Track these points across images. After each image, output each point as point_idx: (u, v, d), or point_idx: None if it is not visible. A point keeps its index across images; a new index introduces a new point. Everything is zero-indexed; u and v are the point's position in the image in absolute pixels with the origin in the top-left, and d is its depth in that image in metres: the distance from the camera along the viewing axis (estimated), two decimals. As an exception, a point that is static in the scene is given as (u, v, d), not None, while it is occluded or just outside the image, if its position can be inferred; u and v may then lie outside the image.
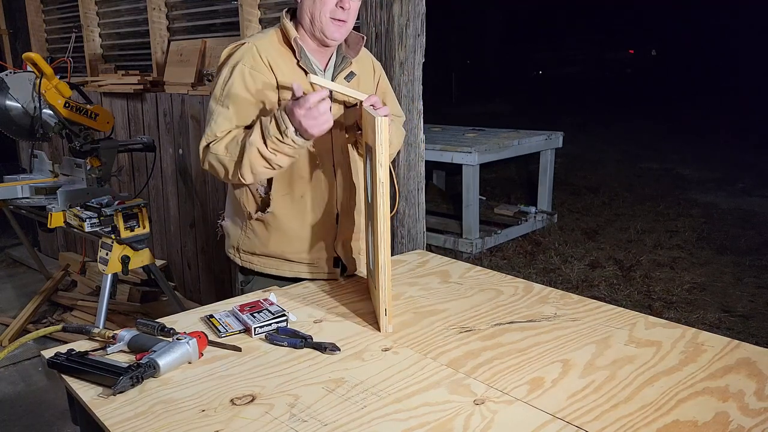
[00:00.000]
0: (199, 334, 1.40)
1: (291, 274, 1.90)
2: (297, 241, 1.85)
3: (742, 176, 7.50)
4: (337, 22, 1.70)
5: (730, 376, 1.27)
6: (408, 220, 2.65)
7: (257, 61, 1.71)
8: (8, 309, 4.06)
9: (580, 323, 1.54)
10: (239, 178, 1.66)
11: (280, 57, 1.74)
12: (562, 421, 1.13)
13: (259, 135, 1.58)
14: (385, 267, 1.47)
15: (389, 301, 1.50)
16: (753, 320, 3.73)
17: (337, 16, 1.69)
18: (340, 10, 1.68)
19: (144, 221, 2.82)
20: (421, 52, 2.52)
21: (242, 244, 1.92)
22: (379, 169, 1.43)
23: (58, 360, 1.33)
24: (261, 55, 1.72)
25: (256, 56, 1.71)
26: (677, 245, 5.11)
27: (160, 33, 3.75)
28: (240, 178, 1.65)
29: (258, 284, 1.93)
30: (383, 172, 1.43)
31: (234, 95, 1.69)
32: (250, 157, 1.59)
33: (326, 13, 1.68)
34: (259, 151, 1.58)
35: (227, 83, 1.71)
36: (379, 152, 1.42)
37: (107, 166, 3.05)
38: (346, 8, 1.68)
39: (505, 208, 5.90)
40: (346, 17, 1.70)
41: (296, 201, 1.82)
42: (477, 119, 8.70)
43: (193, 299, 3.81)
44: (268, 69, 1.72)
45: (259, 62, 1.71)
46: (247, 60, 1.71)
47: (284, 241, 1.85)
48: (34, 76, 3.00)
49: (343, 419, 1.15)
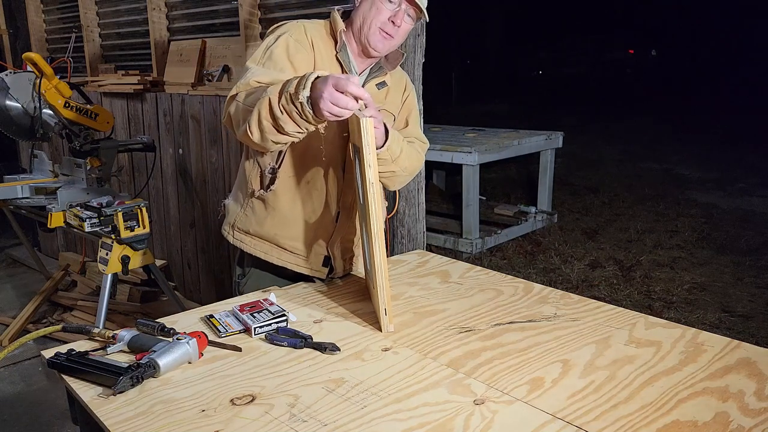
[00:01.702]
0: (199, 334, 1.40)
1: (279, 262, 1.89)
2: (293, 226, 1.84)
3: (742, 176, 7.50)
4: (385, 35, 1.72)
5: (730, 376, 1.27)
6: (408, 220, 2.65)
7: (302, 36, 1.74)
8: (8, 309, 4.05)
9: (580, 323, 1.54)
10: (247, 132, 1.57)
11: (323, 43, 1.77)
12: (562, 421, 1.13)
13: (278, 87, 1.50)
14: (381, 267, 1.48)
15: (389, 301, 1.50)
16: (753, 320, 3.73)
17: (386, 29, 1.71)
18: (391, 24, 1.70)
19: (144, 221, 2.82)
20: (421, 52, 2.52)
21: (238, 221, 1.92)
22: (368, 170, 1.43)
23: (58, 360, 1.33)
24: (307, 33, 1.75)
25: (302, 32, 1.75)
26: (677, 245, 5.11)
27: (160, 33, 3.75)
28: (248, 132, 1.56)
29: (253, 278, 1.94)
30: (372, 173, 1.43)
31: (274, 58, 1.70)
32: (260, 107, 1.52)
33: (378, 23, 1.70)
34: (270, 102, 1.49)
35: (270, 47, 1.72)
36: (366, 153, 1.42)
37: (107, 166, 3.05)
38: (397, 24, 1.70)
39: (505, 208, 5.90)
40: (394, 33, 1.72)
41: (301, 186, 1.82)
42: (477, 119, 8.70)
43: (193, 299, 3.81)
44: (310, 46, 1.74)
45: (303, 37, 1.74)
46: (294, 32, 1.74)
47: (280, 224, 1.85)
48: (34, 76, 3.00)
49: (343, 419, 1.15)
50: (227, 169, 3.39)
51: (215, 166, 3.46)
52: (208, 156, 3.50)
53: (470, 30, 20.22)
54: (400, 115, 1.95)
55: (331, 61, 1.78)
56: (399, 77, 1.94)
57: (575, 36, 22.52)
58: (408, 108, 1.97)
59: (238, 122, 1.62)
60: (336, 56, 1.78)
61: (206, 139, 3.49)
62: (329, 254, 1.89)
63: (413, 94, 2.00)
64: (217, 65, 3.43)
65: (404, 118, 1.96)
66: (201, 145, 3.53)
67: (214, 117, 3.38)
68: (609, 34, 22.36)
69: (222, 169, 3.43)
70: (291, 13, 3.01)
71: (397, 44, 1.78)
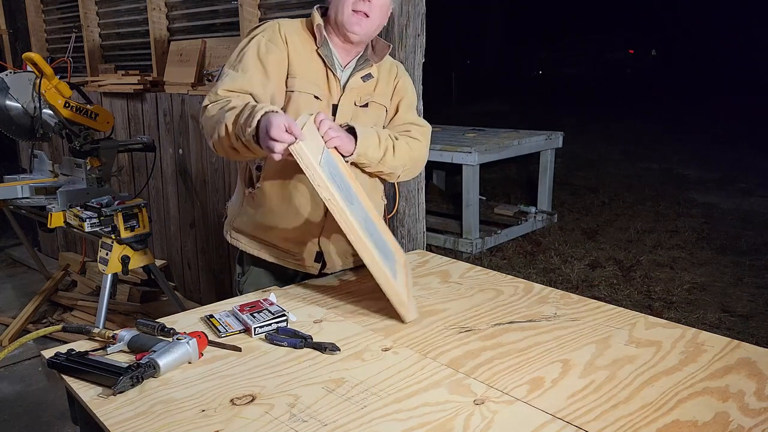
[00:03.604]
0: (199, 334, 1.40)
1: (272, 259, 1.91)
2: (282, 223, 1.85)
3: (742, 176, 7.50)
4: (359, 15, 1.71)
5: (730, 376, 1.27)
6: (408, 220, 2.65)
7: (275, 35, 1.75)
8: (8, 309, 4.05)
9: (580, 323, 1.54)
10: (215, 148, 1.66)
11: (300, 40, 1.77)
12: (562, 421, 1.13)
13: (234, 114, 1.56)
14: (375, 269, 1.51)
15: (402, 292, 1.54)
16: (753, 320, 3.73)
17: (358, 8, 1.70)
18: (361, 2, 1.70)
19: (144, 221, 2.82)
20: (421, 52, 2.52)
21: (235, 221, 1.95)
22: (319, 189, 1.47)
23: (58, 360, 1.33)
24: (281, 31, 1.76)
25: (276, 31, 1.76)
26: (677, 245, 5.11)
27: (160, 33, 3.75)
28: (215, 148, 1.66)
29: (253, 276, 1.95)
30: (324, 191, 1.47)
31: (245, 61, 1.72)
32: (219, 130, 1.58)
33: (348, 4, 1.70)
34: (227, 128, 1.56)
35: (243, 50, 1.74)
36: (309, 176, 1.46)
37: (107, 166, 3.05)
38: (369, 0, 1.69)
39: (505, 208, 5.89)
40: (368, 10, 1.71)
41: (287, 182, 1.82)
42: (477, 119, 8.68)
43: (193, 299, 3.81)
44: (283, 44, 1.75)
45: (276, 36, 1.75)
46: (267, 33, 1.76)
47: (270, 221, 1.86)
48: (34, 76, 3.00)
49: (343, 419, 1.15)
50: (227, 169, 3.39)
51: (215, 166, 3.46)
52: (208, 156, 3.50)
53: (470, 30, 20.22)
54: (391, 103, 1.92)
55: (311, 56, 1.77)
56: (389, 67, 1.92)
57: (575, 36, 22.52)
58: (399, 94, 1.93)
59: (207, 135, 1.67)
60: (317, 51, 1.77)
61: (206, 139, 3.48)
62: (321, 249, 1.89)
63: (405, 80, 1.95)
64: (217, 65, 3.43)
65: (395, 104, 1.92)
66: (201, 145, 3.53)
67: (214, 117, 3.38)
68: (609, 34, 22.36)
69: (222, 169, 3.43)
70: (291, 12, 3.01)
71: (375, 24, 1.76)
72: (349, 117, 1.82)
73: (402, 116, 1.93)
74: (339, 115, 1.81)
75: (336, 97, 1.80)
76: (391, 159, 1.80)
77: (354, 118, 1.82)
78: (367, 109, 1.85)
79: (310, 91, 1.77)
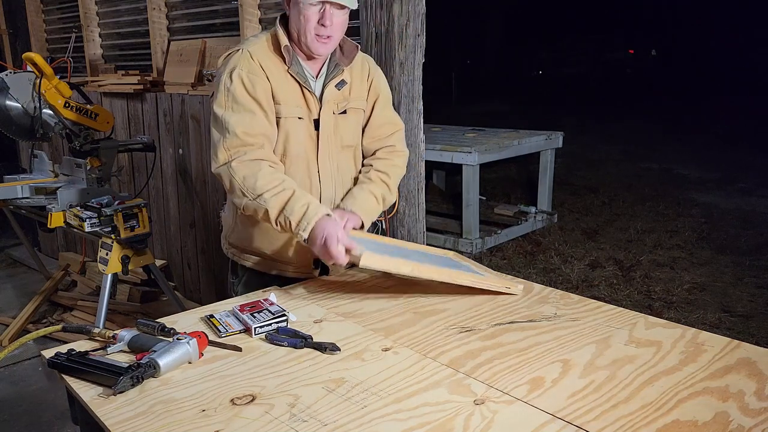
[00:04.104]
0: (199, 334, 1.40)
1: (274, 272, 1.94)
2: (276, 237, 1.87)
3: (742, 176, 7.50)
4: (323, 39, 1.71)
5: (730, 376, 1.27)
6: (408, 220, 2.65)
7: (253, 66, 1.74)
8: (8, 309, 4.05)
9: (580, 323, 1.54)
10: (239, 206, 1.72)
11: (272, 63, 1.76)
12: (562, 421, 1.13)
13: (279, 202, 1.63)
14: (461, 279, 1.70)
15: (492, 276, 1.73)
16: (753, 320, 3.73)
17: (320, 33, 1.70)
18: (322, 27, 1.69)
19: (144, 221, 2.82)
20: (421, 52, 2.52)
21: (230, 236, 1.98)
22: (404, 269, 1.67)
23: (58, 360, 1.33)
24: (254, 58, 1.74)
25: (251, 61, 1.74)
26: (677, 245, 5.11)
27: (160, 33, 3.75)
28: (238, 205, 1.72)
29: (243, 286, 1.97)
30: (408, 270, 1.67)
31: (239, 100, 1.72)
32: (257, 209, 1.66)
33: (311, 30, 1.70)
34: (268, 213, 1.64)
35: (229, 89, 1.73)
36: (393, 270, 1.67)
37: (107, 166, 3.05)
38: (328, 25, 1.68)
39: (505, 208, 5.89)
40: (330, 32, 1.71)
41: None
42: (477, 119, 8.68)
43: (193, 299, 3.81)
44: (261, 72, 1.74)
45: (254, 66, 1.74)
46: (244, 65, 1.73)
47: (264, 236, 1.88)
48: (34, 76, 3.00)
49: (343, 419, 1.15)
50: (227, 169, 3.39)
51: (215, 166, 3.46)
52: (208, 156, 3.49)
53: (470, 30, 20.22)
54: (367, 103, 1.93)
55: (285, 77, 1.77)
56: (360, 65, 1.91)
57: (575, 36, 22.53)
58: (375, 92, 1.94)
59: (228, 187, 1.71)
60: (288, 71, 1.76)
61: (206, 139, 3.49)
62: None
63: (377, 76, 1.95)
64: (217, 65, 3.43)
65: (371, 104, 1.93)
66: (201, 145, 3.53)
67: (214, 117, 3.38)
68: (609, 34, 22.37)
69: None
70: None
71: (337, 39, 1.77)
72: (331, 127, 1.83)
73: (378, 115, 1.94)
74: (321, 128, 1.82)
75: (315, 111, 1.81)
76: (390, 198, 1.93)
77: (335, 128, 1.84)
78: (345, 116, 1.86)
79: (294, 114, 1.78)
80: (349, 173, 1.93)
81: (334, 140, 1.85)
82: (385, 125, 1.95)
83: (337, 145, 1.86)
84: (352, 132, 1.89)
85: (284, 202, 1.63)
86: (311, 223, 1.60)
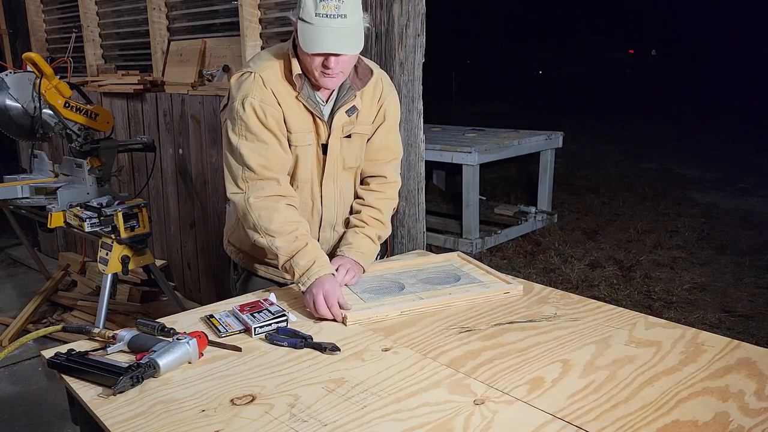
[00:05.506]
0: (199, 334, 1.40)
1: (266, 275, 1.96)
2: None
3: (742, 176, 7.50)
4: (330, 75, 1.68)
5: (730, 376, 1.27)
6: (408, 220, 2.65)
7: (265, 94, 1.71)
8: (8, 309, 4.05)
9: (580, 323, 1.54)
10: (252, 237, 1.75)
11: (284, 89, 1.74)
12: (562, 421, 1.13)
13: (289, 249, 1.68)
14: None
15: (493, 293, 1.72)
16: (753, 320, 3.73)
17: (326, 72, 1.66)
18: (327, 68, 1.65)
19: (144, 221, 2.82)
20: (421, 52, 2.52)
21: (231, 235, 2.01)
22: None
23: (58, 360, 1.33)
24: (267, 85, 1.71)
25: (263, 88, 1.71)
26: (677, 245, 5.11)
27: (160, 33, 3.75)
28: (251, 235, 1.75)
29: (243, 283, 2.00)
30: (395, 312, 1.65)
31: (254, 131, 1.71)
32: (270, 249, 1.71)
33: (317, 68, 1.66)
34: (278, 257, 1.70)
35: (242, 117, 1.71)
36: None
37: (107, 166, 3.04)
38: (333, 66, 1.64)
39: (505, 208, 5.89)
40: (335, 71, 1.66)
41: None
42: (477, 119, 8.68)
43: (193, 299, 3.81)
44: (273, 99, 1.72)
45: (267, 94, 1.71)
46: (256, 93, 1.70)
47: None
48: (34, 76, 2.99)
49: (343, 419, 1.15)
50: (227, 169, 3.39)
51: (215, 166, 3.46)
52: (208, 156, 3.50)
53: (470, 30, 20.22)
54: (373, 126, 1.88)
55: (296, 104, 1.74)
56: (372, 89, 1.85)
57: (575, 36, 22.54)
58: (382, 117, 1.88)
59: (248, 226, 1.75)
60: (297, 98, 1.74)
61: (206, 139, 3.49)
62: None
63: (390, 102, 1.89)
64: (217, 65, 3.43)
65: (375, 128, 1.89)
66: (201, 145, 3.53)
67: (214, 117, 3.38)
68: (609, 34, 22.38)
69: (222, 169, 3.42)
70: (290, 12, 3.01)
71: (346, 74, 1.73)
72: (338, 151, 1.82)
73: (381, 138, 1.90)
74: (329, 153, 1.81)
75: (324, 137, 1.80)
76: (386, 233, 1.95)
77: (340, 151, 1.83)
78: (350, 140, 1.84)
79: (306, 142, 1.78)
80: (350, 195, 1.94)
81: (339, 162, 1.85)
82: (383, 150, 1.91)
83: (340, 167, 1.86)
84: (356, 154, 1.87)
85: (293, 252, 1.68)
86: (311, 279, 1.64)
